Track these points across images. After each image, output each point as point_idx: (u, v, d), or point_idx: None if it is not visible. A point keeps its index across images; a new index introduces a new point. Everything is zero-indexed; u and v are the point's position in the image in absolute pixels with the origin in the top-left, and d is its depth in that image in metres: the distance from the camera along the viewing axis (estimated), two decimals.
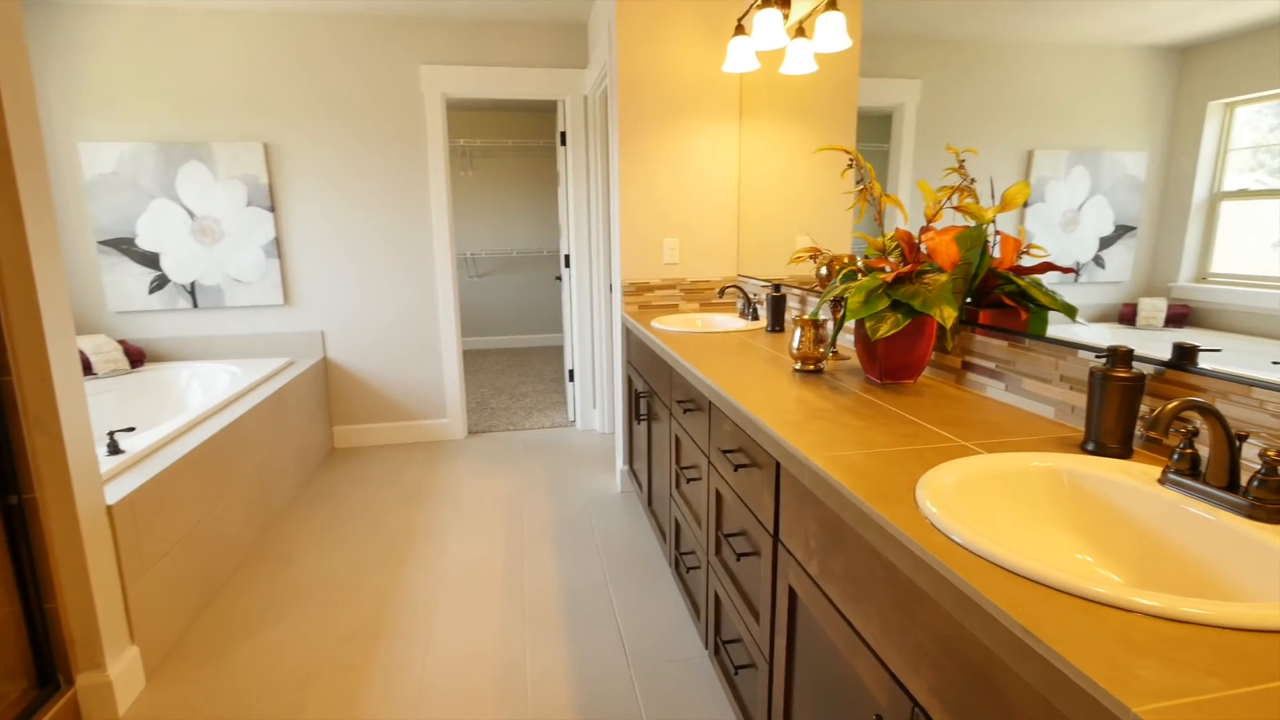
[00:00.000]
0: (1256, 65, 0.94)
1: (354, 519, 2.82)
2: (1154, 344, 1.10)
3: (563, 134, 3.71)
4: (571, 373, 4.06)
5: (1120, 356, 1.01)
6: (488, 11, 3.31)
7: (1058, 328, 1.29)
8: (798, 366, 1.66)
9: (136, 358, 3.29)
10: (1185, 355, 1.02)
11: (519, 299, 6.63)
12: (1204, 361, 0.99)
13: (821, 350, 1.62)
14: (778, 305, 2.27)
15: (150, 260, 3.34)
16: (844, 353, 1.85)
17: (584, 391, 3.92)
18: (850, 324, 1.89)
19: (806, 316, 1.63)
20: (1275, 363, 0.92)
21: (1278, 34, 0.91)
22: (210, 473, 2.27)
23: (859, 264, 1.54)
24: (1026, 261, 1.38)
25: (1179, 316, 1.08)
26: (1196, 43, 1.03)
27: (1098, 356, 1.08)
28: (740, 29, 2.35)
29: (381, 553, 2.52)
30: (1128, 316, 1.18)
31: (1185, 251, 1.07)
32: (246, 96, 3.31)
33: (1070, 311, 1.27)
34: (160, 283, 3.37)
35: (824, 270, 1.85)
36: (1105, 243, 1.23)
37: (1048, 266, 1.34)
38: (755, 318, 2.50)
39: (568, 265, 3.90)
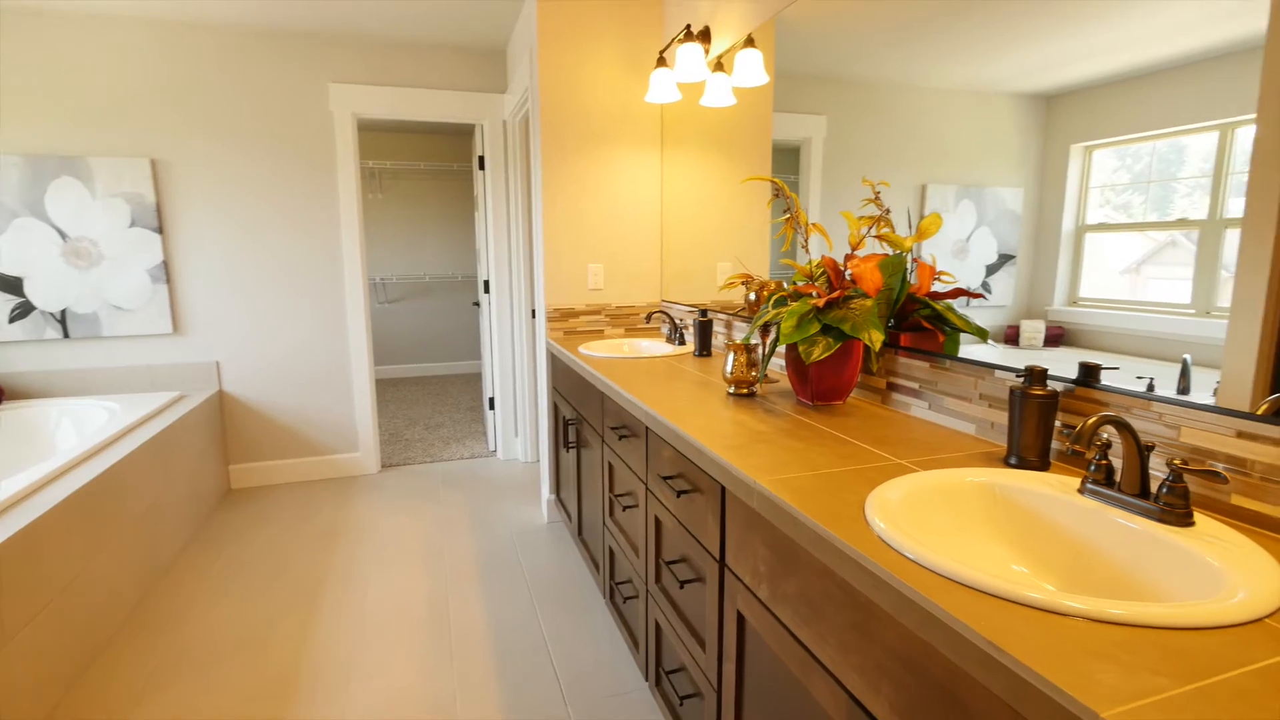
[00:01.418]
0: (1107, 114, 1.08)
1: (257, 566, 2.59)
2: (1038, 361, 1.21)
3: (481, 158, 3.65)
4: (492, 400, 3.95)
5: (1036, 376, 1.09)
6: (402, 33, 3.23)
7: (963, 348, 1.39)
8: (731, 390, 1.69)
9: None
10: (1090, 374, 1.11)
11: (432, 325, 6.42)
12: (1105, 379, 1.09)
13: (754, 374, 1.65)
14: (705, 330, 2.31)
15: (11, 286, 2.98)
16: (773, 375, 1.90)
17: (505, 420, 3.82)
18: (780, 347, 1.95)
19: (739, 341, 1.66)
20: (1139, 377, 1.04)
21: (1123, 87, 1.05)
22: (85, 524, 2.02)
23: (788, 289, 1.59)
24: (940, 287, 1.47)
25: (1055, 337, 1.20)
26: (1059, 92, 1.17)
27: (1017, 376, 1.16)
28: (662, 61, 2.40)
29: (290, 601, 2.33)
30: (1012, 337, 1.29)
31: (1058, 278, 1.19)
32: (132, 109, 3.05)
33: (982, 334, 1.36)
34: (23, 310, 3.01)
35: (753, 296, 1.90)
36: (990, 270, 1.35)
37: (960, 292, 1.43)
38: (682, 342, 2.52)
39: (487, 291, 3.82)
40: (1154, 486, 0.94)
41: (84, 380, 3.13)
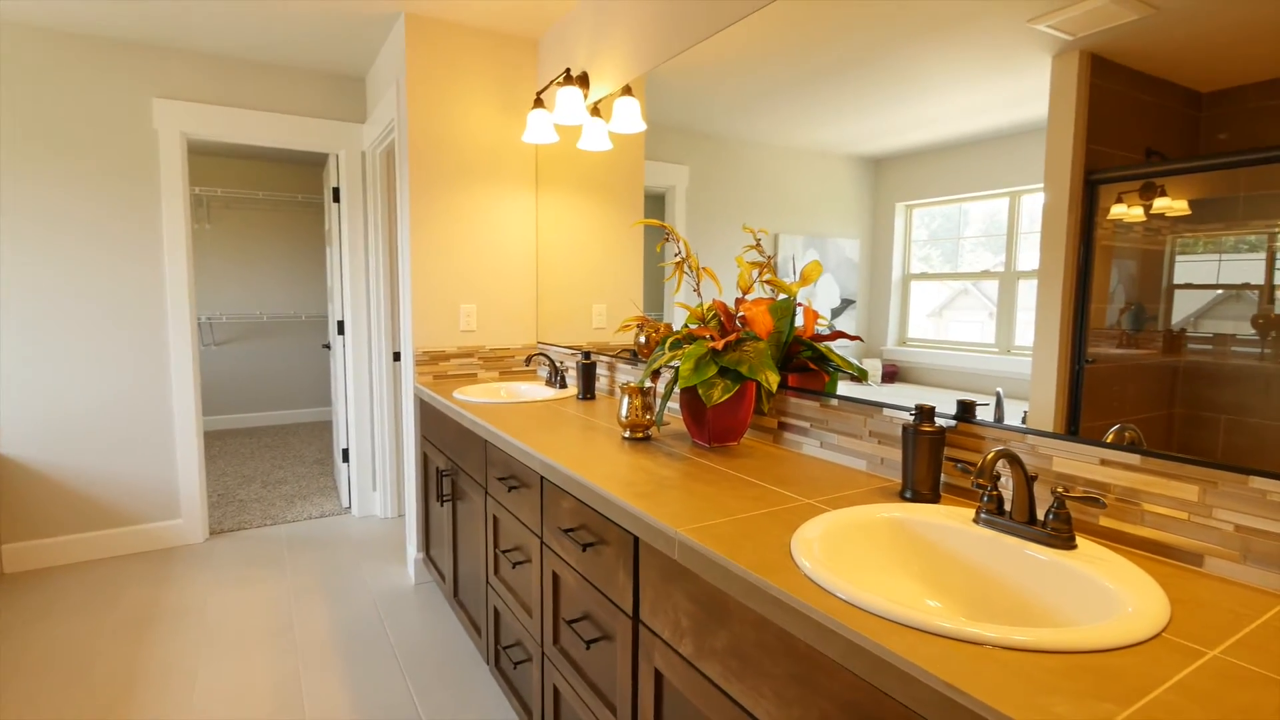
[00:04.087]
0: (922, 178, 1.25)
1: (42, 670, 2.10)
2: (877, 397, 1.35)
3: (336, 190, 3.39)
4: (346, 452, 3.60)
5: (925, 413, 1.16)
6: (247, 51, 2.94)
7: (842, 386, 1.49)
8: (627, 434, 1.65)
9: None
10: (967, 410, 1.20)
11: (270, 369, 5.78)
12: (980, 415, 1.19)
13: (650, 417, 1.63)
14: (589, 372, 2.27)
15: None
16: (665, 417, 1.89)
17: (362, 472, 3.49)
18: (675, 389, 1.95)
19: (633, 384, 1.64)
20: (961, 402, 1.18)
21: (933, 157, 1.22)
22: None
23: (680, 332, 1.60)
24: (820, 329, 1.55)
25: (891, 374, 1.34)
26: (885, 157, 1.33)
27: (911, 415, 1.23)
28: (540, 102, 2.39)
29: (88, 711, 1.90)
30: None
31: (890, 321, 1.33)
32: None
33: (863, 374, 1.44)
34: None
35: (644, 339, 1.89)
36: (835, 313, 1.49)
37: (840, 334, 1.52)
38: (563, 385, 2.46)
39: (341, 332, 3.51)
40: (1040, 513, 1.03)
41: None
